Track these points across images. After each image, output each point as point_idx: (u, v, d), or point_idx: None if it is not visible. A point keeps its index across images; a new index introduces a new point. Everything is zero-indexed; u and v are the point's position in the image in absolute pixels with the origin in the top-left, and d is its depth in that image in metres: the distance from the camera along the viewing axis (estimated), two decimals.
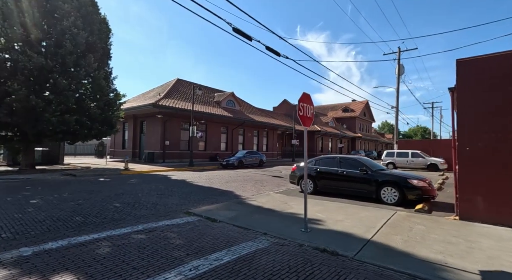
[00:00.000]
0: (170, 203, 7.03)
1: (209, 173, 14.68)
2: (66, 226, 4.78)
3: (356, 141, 52.65)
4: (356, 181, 7.70)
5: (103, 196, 7.61)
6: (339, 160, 8.31)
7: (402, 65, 23.63)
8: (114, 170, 14.69)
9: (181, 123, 22.62)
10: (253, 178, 12.77)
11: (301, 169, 9.08)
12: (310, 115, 5.22)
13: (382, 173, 7.40)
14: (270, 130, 32.53)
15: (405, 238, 4.45)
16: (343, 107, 57.61)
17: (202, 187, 9.75)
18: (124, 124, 25.15)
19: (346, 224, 5.29)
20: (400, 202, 6.88)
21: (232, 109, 28.17)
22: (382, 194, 7.17)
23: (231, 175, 14.01)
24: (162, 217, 5.70)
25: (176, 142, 22.17)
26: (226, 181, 11.56)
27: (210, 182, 11.16)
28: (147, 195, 8.02)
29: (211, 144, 25.18)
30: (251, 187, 10.14)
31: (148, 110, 20.62)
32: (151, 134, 21.77)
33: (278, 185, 11.10)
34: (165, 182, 10.87)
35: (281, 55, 8.89)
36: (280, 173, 15.66)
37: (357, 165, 7.84)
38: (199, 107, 23.39)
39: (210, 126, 25.05)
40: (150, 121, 22.12)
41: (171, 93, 23.43)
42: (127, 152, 23.89)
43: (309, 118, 5.20)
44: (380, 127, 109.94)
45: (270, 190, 9.69)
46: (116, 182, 10.59)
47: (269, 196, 8.23)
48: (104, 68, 14.13)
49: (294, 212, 6.28)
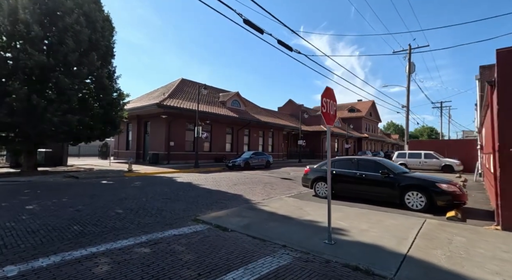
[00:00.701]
0: (176, 209, 6.52)
1: (215, 175, 14.18)
2: (62, 237, 4.28)
3: (362, 141, 51.79)
4: (377, 185, 7.10)
5: (104, 201, 7.13)
6: (357, 162, 7.72)
7: (413, 63, 22.91)
8: (117, 172, 14.27)
9: (186, 124, 22.18)
10: (261, 181, 12.23)
11: (315, 172, 8.52)
12: (333, 113, 4.67)
13: (406, 176, 6.79)
14: (275, 131, 31.96)
15: (446, 253, 3.87)
16: (349, 107, 56.78)
17: (209, 191, 9.24)
18: (128, 124, 24.82)
19: (373, 234, 4.71)
20: (427, 208, 6.27)
21: (237, 109, 27.68)
22: (406, 199, 6.57)
23: (238, 177, 13.48)
24: (168, 225, 5.19)
25: (181, 143, 21.74)
26: (234, 183, 11.04)
27: (218, 184, 10.64)
28: (152, 199, 7.52)
29: (216, 145, 24.71)
30: (261, 190, 9.60)
31: (153, 110, 20.22)
32: (156, 134, 21.37)
33: (288, 188, 10.54)
34: (170, 184, 10.38)
35: (294, 50, 8.35)
36: (289, 175, 15.09)
37: (378, 168, 7.25)
38: (204, 107, 22.94)
39: (215, 126, 24.58)
40: (154, 122, 21.72)
41: (175, 93, 23.02)
42: (131, 153, 23.53)
43: (333, 116, 4.65)
44: (386, 128, 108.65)
45: (281, 194, 9.14)
46: (119, 185, 10.13)
47: (281, 201, 7.68)
48: (107, 67, 13.73)
49: (312, 219, 5.71)
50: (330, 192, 4.59)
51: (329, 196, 4.61)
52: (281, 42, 7.83)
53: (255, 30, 6.92)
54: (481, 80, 18.10)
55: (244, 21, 6.66)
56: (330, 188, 4.55)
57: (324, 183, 8.18)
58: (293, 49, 8.29)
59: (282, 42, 7.84)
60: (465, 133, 54.41)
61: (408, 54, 22.91)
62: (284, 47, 7.95)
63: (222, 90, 30.94)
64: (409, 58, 22.91)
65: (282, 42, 7.83)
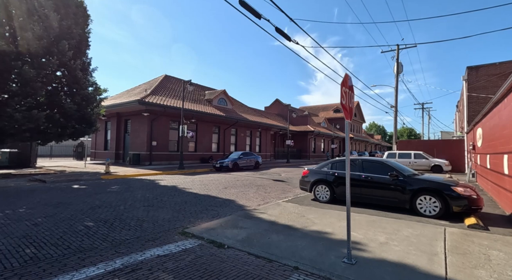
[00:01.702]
0: (160, 219, 5.56)
1: (202, 177, 13.18)
2: (3, 266, 3.23)
3: None
4: (384, 188, 6.49)
5: (73, 211, 6.01)
6: (361, 163, 7.08)
7: (401, 63, 22.99)
8: (93, 174, 12.91)
9: (169, 122, 20.92)
10: (253, 183, 11.40)
11: (314, 174, 7.81)
12: (351, 105, 3.94)
13: (417, 178, 6.22)
14: (263, 130, 31.25)
15: (493, 274, 3.23)
16: (335, 107, 57.23)
17: (197, 195, 8.28)
18: (106, 123, 23.13)
19: (396, 248, 4.03)
20: (441, 214, 5.72)
21: (224, 108, 26.67)
22: (418, 204, 5.99)
23: (227, 179, 12.56)
24: (150, 241, 4.25)
25: (165, 142, 20.46)
26: (224, 187, 10.12)
27: (206, 188, 9.69)
28: (131, 207, 6.48)
29: (202, 145, 23.59)
30: (255, 194, 8.77)
31: (134, 108, 18.82)
32: (137, 134, 19.95)
33: (283, 191, 9.79)
34: (153, 189, 9.30)
35: (292, 40, 7.59)
36: (280, 177, 14.37)
37: (385, 169, 6.64)
38: (189, 105, 21.78)
39: (201, 125, 23.46)
40: (135, 120, 20.29)
41: (158, 89, 21.68)
42: (110, 154, 21.92)
43: (351, 109, 3.92)
44: (368, 128, 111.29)
45: (277, 198, 8.36)
46: (93, 189, 8.92)
47: (280, 207, 6.90)
48: (81, 58, 12.33)
49: (320, 230, 4.97)
50: (349, 198, 3.85)
51: (348, 204, 3.87)
52: (279, 30, 7.05)
53: (252, 13, 6.08)
54: (468, 81, 18.31)
55: (240, 2, 5.81)
56: (349, 194, 3.82)
57: (325, 186, 7.49)
58: (291, 39, 7.53)
59: (281, 30, 7.06)
60: (443, 134, 56.55)
61: (396, 54, 22.94)
62: (282, 35, 7.18)
63: (208, 88, 29.79)
64: (397, 58, 22.94)
65: (280, 30, 7.05)
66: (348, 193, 3.77)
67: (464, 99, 19.12)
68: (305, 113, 41.45)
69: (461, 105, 27.93)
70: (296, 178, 13.72)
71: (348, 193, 3.77)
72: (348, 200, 3.84)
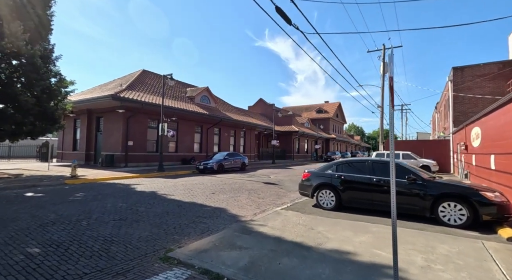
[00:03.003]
0: (135, 238, 4.33)
1: (185, 181, 11.86)
2: None
3: (330, 142, 52.62)
4: (400, 194, 5.69)
5: (15, 230, 4.59)
6: (371, 165, 6.26)
7: (387, 63, 22.93)
8: (56, 178, 11.16)
9: (147, 120, 19.25)
10: (243, 187, 10.30)
11: (317, 177, 6.88)
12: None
13: (438, 182, 5.48)
14: (247, 130, 30.19)
15: None
16: (317, 108, 57.48)
17: (181, 204, 7.05)
18: (75, 120, 20.93)
19: (446, 276, 3.16)
20: (468, 223, 5.00)
21: (207, 106, 25.30)
22: (440, 212, 5.24)
23: (214, 183, 11.36)
24: (119, 276, 3.05)
25: (142, 142, 18.76)
26: (212, 192, 8.94)
27: (191, 194, 8.45)
28: (97, 222, 5.15)
29: (183, 145, 22.07)
30: (247, 201, 7.70)
31: (107, 104, 16.99)
32: (111, 132, 18.09)
33: (277, 195, 8.80)
34: (127, 196, 7.92)
35: (292, 24, 6.63)
36: (270, 179, 13.39)
37: (400, 172, 5.86)
38: (169, 102, 20.22)
39: (182, 124, 21.94)
40: (109, 117, 18.40)
41: (135, 85, 19.91)
42: (80, 155, 19.80)
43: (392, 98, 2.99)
44: (348, 129, 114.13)
45: (273, 204, 7.35)
46: (51, 198, 7.38)
47: (280, 216, 5.89)
48: (40, 43, 10.57)
49: (338, 248, 4.01)
50: (395, 211, 2.90)
51: (394, 220, 2.92)
52: (279, 10, 6.05)
53: None
54: (454, 81, 18.44)
55: None
56: (394, 205, 2.88)
57: (330, 191, 6.59)
58: (292, 22, 6.56)
59: (282, 10, 6.06)
60: (420, 135, 58.76)
61: (382, 53, 22.85)
62: (282, 17, 6.18)
63: (190, 85, 28.24)
64: (383, 57, 22.83)
65: (281, 9, 6.05)
66: (394, 205, 2.83)
67: (449, 100, 19.28)
68: (289, 113, 40.95)
69: (441, 106, 28.63)
70: (287, 180, 12.82)
71: (394, 205, 2.83)
72: (394, 215, 2.89)
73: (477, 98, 17.38)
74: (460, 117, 18.08)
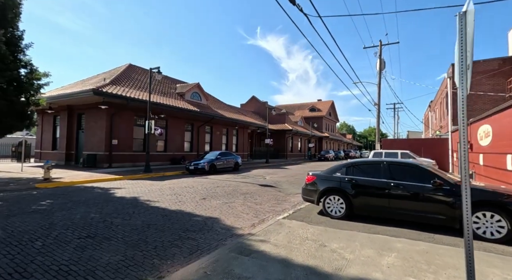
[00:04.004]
0: (101, 265, 3.33)
1: (173, 183, 10.81)
2: None
3: (323, 141, 52.20)
4: (424, 200, 4.89)
5: None
6: (387, 167, 5.43)
7: (383, 59, 22.40)
8: (26, 181, 9.92)
9: (134, 118, 18.00)
10: (237, 190, 9.36)
11: (324, 181, 6.01)
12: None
13: (471, 188, 4.67)
14: (240, 129, 29.20)
15: None
16: (310, 106, 56.95)
17: (166, 213, 6.05)
18: (55, 117, 19.45)
19: None
20: (510, 237, 4.22)
21: (198, 103, 24.15)
22: (473, 223, 4.44)
23: (205, 185, 10.36)
24: None
25: (128, 141, 17.51)
26: (202, 197, 7.95)
27: (179, 200, 7.44)
28: (56, 242, 4.10)
29: (172, 144, 20.91)
30: (243, 207, 6.76)
31: (88, 99, 15.69)
32: (93, 130, 16.77)
33: (276, 200, 7.91)
34: (104, 203, 6.84)
35: (296, 4, 5.71)
36: (266, 180, 12.49)
37: (423, 175, 5.06)
38: (157, 98, 19.01)
39: (171, 122, 20.77)
40: (91, 114, 17.06)
41: (120, 79, 18.59)
42: (59, 155, 18.37)
43: None
44: (339, 128, 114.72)
45: (273, 212, 6.45)
46: (8, 208, 6.22)
47: (284, 228, 4.98)
48: (6, 28, 9.29)
49: (364, 276, 3.13)
50: (471, 237, 2.03)
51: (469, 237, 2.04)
52: None
53: None
54: (453, 78, 17.95)
55: None
56: (470, 227, 2.01)
57: (339, 197, 5.73)
58: (295, 2, 5.65)
59: None
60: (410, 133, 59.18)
61: (379, 50, 22.28)
62: None
63: (179, 81, 26.98)
64: (379, 54, 22.28)
65: None
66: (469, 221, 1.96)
67: (447, 97, 18.84)
68: (282, 111, 40.17)
69: (436, 105, 28.40)
70: (285, 182, 11.95)
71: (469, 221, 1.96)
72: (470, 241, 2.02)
73: (477, 95, 16.96)
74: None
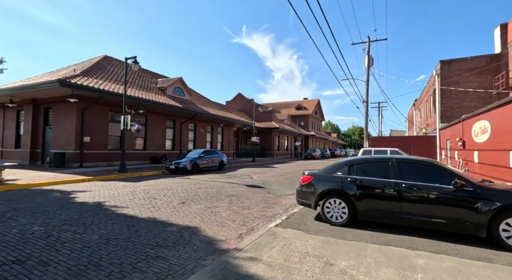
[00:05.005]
0: None
1: (150, 184, 9.65)
2: None
3: (309, 139, 52.02)
4: (442, 204, 4.16)
5: None
6: (397, 165, 4.67)
7: (372, 56, 22.09)
8: None
9: (109, 113, 16.52)
10: (222, 192, 8.37)
11: (323, 181, 5.17)
12: None
13: (499, 190, 3.98)
14: (225, 126, 28.09)
15: None
16: (296, 104, 56.63)
17: (134, 222, 4.98)
18: (18, 112, 17.54)
19: None
20: None
21: (181, 99, 22.84)
22: (503, 231, 3.77)
23: (186, 187, 9.29)
24: None
25: (102, 138, 16.01)
26: (181, 201, 6.90)
27: (153, 204, 6.36)
28: None
29: (153, 141, 19.52)
30: (229, 213, 5.81)
31: (56, 92, 14.10)
32: (62, 126, 15.15)
33: (266, 203, 7.01)
34: (55, 212, 5.63)
35: None
36: (253, 180, 11.57)
37: (441, 174, 4.34)
38: (136, 92, 17.60)
39: (152, 118, 19.38)
40: (59, 109, 15.41)
41: (94, 71, 17.01)
42: (24, 153, 16.54)
43: None
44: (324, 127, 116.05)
45: (263, 218, 5.55)
46: None
47: (277, 240, 4.09)
48: None
49: None
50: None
51: None
52: None
53: None
54: (441, 75, 17.84)
55: None
56: None
57: (341, 200, 4.91)
58: None
59: None
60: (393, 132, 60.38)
61: (367, 46, 21.92)
62: None
63: (161, 76, 25.50)
64: (368, 50, 21.93)
65: None
66: None
67: (435, 95, 18.73)
68: (269, 109, 39.43)
69: (421, 103, 28.63)
70: (274, 182, 11.10)
71: None
72: None
73: (464, 93, 16.90)
74: (447, 112, 17.55)
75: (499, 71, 15.78)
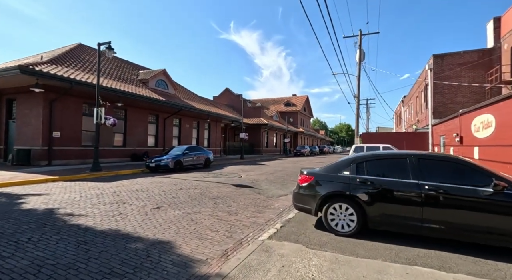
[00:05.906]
0: None
1: (123, 185, 8.48)
2: None
3: (298, 136, 51.54)
4: (476, 210, 3.37)
5: None
6: (416, 163, 3.85)
7: (363, 50, 21.52)
8: None
9: (83, 106, 15.04)
10: (206, 194, 7.36)
11: (327, 182, 4.28)
12: None
13: None
14: (212, 122, 26.89)
15: None
16: (286, 101, 55.95)
17: (89, 237, 3.91)
18: None
19: None
20: None
21: (164, 92, 21.47)
22: None
23: (164, 188, 8.20)
24: None
25: (75, 133, 14.54)
26: (156, 205, 5.84)
27: (119, 211, 5.27)
28: None
29: (133, 137, 18.14)
30: (212, 221, 4.83)
31: (18, 81, 12.53)
32: (27, 120, 13.57)
33: (256, 206, 6.08)
34: None
35: None
36: (241, 179, 10.61)
37: (473, 174, 3.55)
38: (114, 83, 16.16)
39: (132, 112, 17.98)
40: (24, 100, 13.81)
41: (65, 59, 15.40)
42: None
43: None
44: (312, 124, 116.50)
45: (254, 226, 4.61)
46: None
47: (273, 259, 3.16)
48: None
49: None
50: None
51: None
52: None
53: None
54: (434, 70, 17.44)
55: None
56: None
57: (348, 205, 4.04)
58: None
59: None
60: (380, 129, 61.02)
61: (359, 40, 21.28)
62: None
63: (143, 68, 23.95)
64: (359, 44, 21.29)
65: None
66: None
67: (427, 90, 18.36)
68: (257, 105, 38.46)
69: (411, 99, 28.51)
70: (264, 181, 10.19)
71: None
72: None
73: (457, 88, 16.57)
74: (440, 107, 17.21)
75: (491, 66, 15.52)
